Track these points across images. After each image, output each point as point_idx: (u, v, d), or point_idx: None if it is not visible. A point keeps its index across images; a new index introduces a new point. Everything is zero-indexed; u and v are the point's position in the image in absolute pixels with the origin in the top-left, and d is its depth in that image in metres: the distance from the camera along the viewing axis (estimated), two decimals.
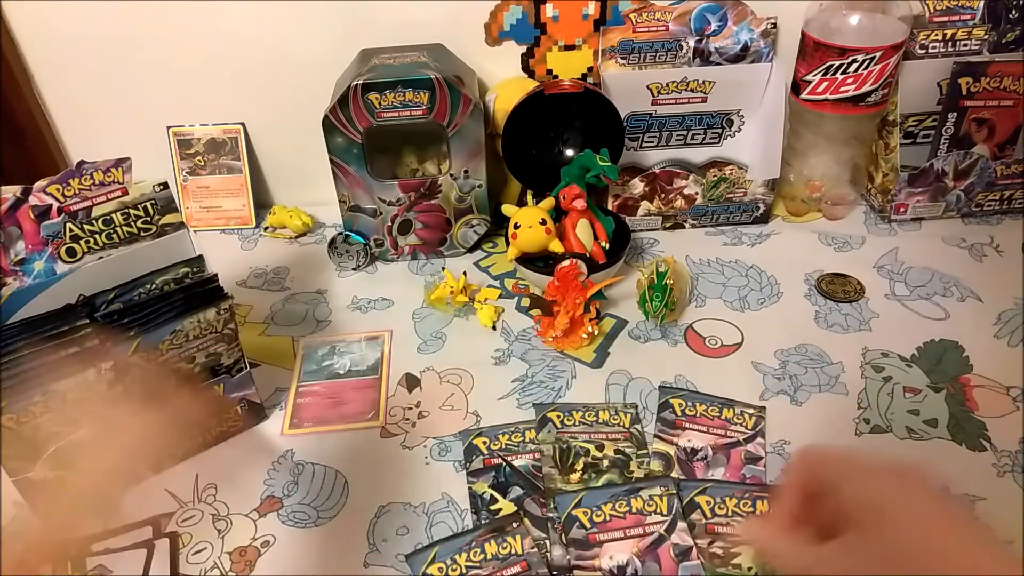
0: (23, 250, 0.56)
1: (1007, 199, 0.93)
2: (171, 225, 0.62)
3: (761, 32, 0.89)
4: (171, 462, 0.67)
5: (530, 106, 0.84)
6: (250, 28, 0.90)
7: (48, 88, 0.94)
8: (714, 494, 0.61)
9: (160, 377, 0.60)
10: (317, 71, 0.89)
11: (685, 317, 0.81)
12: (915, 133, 0.92)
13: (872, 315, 0.80)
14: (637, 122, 0.92)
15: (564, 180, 0.84)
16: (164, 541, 0.60)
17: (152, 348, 0.59)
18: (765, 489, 0.61)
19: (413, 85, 0.79)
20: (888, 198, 0.92)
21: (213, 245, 0.97)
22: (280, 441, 0.69)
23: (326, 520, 0.62)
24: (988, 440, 0.65)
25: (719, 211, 0.94)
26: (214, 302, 0.62)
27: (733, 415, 0.68)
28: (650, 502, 0.60)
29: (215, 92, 0.95)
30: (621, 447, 0.66)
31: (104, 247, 0.59)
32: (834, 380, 0.72)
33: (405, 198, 0.88)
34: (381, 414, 0.71)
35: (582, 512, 0.60)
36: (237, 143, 0.98)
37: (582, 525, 0.59)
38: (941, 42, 0.89)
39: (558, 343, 0.77)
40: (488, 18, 0.91)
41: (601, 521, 0.59)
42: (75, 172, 0.57)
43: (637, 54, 0.90)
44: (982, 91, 0.86)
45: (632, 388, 0.73)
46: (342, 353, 0.79)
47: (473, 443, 0.67)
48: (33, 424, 0.55)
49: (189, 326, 0.61)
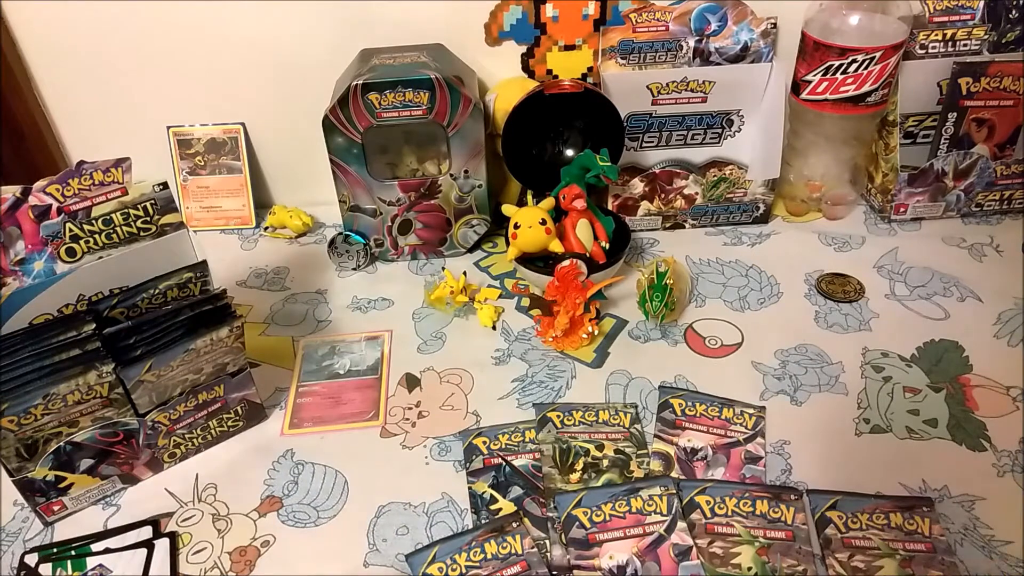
0: (23, 250, 0.56)
1: (1007, 199, 0.93)
2: (171, 225, 0.62)
3: (761, 32, 0.89)
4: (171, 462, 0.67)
5: (530, 106, 0.84)
6: (250, 28, 0.90)
7: (48, 88, 0.94)
8: (714, 494, 0.61)
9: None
10: (317, 71, 0.89)
11: (685, 317, 0.81)
12: (915, 133, 0.92)
13: (872, 315, 0.80)
14: (637, 122, 0.92)
15: (564, 180, 0.84)
16: (164, 541, 0.60)
17: (164, 365, 0.60)
18: (765, 489, 0.61)
19: (413, 85, 0.79)
20: (888, 198, 0.92)
21: (213, 245, 0.97)
22: (280, 441, 0.69)
23: (326, 520, 0.62)
24: (988, 440, 0.65)
25: (719, 211, 0.94)
26: (226, 320, 0.62)
27: (733, 415, 0.68)
28: (650, 502, 0.60)
29: (215, 92, 0.95)
30: (621, 447, 0.66)
31: (104, 247, 0.59)
32: (834, 380, 0.72)
33: (405, 198, 0.88)
34: (381, 414, 0.71)
35: (582, 512, 0.60)
36: (237, 143, 0.98)
37: (582, 525, 0.59)
38: (941, 42, 0.89)
39: (558, 343, 0.77)
40: (488, 18, 0.91)
41: (601, 521, 0.59)
42: (75, 172, 0.57)
43: (637, 54, 0.90)
44: (982, 91, 0.86)
45: (632, 388, 0.73)
46: (342, 353, 0.79)
47: (473, 443, 0.67)
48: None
49: (201, 344, 0.61)
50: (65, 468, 0.60)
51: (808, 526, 0.58)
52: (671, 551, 0.57)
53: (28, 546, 0.61)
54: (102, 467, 0.62)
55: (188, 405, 0.64)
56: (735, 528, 0.59)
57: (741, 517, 0.59)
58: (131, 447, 0.63)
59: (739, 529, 0.58)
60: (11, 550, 0.60)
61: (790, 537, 0.57)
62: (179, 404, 0.64)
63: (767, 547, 0.57)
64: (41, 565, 0.59)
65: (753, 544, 0.57)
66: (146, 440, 0.63)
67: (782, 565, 0.55)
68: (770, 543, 0.57)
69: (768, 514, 0.59)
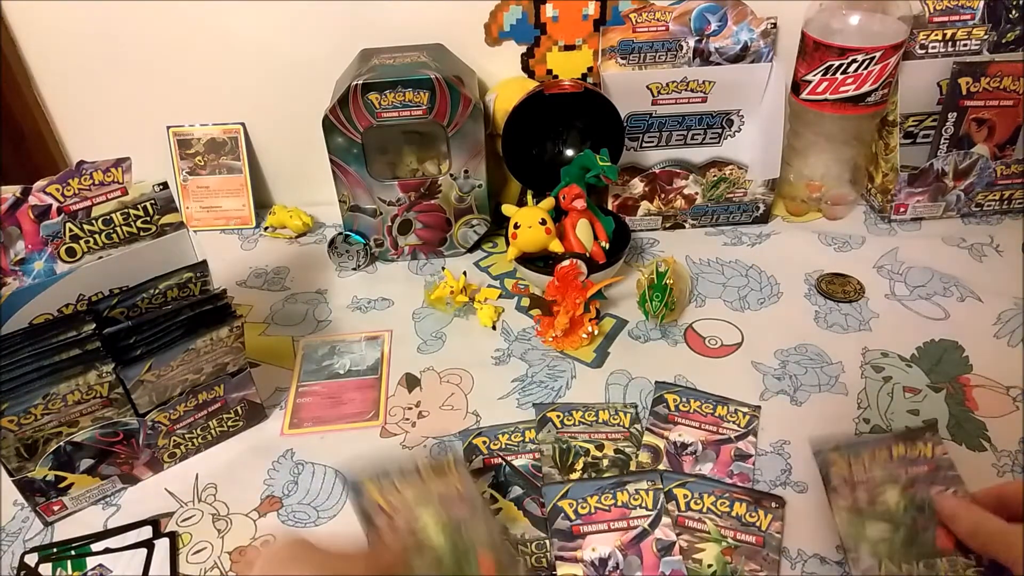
0: (23, 250, 0.56)
1: (1007, 199, 0.93)
2: (171, 225, 0.62)
3: (761, 32, 0.89)
4: (171, 462, 0.67)
5: (530, 106, 0.84)
6: (250, 28, 0.90)
7: (48, 88, 0.94)
8: (694, 489, 0.61)
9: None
10: (317, 71, 0.89)
11: (685, 317, 0.81)
12: (915, 133, 0.92)
13: (872, 315, 0.80)
14: (637, 122, 0.92)
15: (564, 180, 0.84)
16: (164, 541, 0.60)
17: (164, 365, 0.60)
18: (748, 493, 0.61)
19: (413, 85, 0.79)
20: (888, 198, 0.92)
21: (213, 245, 0.97)
22: (280, 441, 0.69)
23: (326, 520, 0.62)
24: (988, 440, 0.65)
25: (719, 211, 0.94)
26: (226, 320, 0.62)
27: (727, 412, 0.69)
28: (636, 496, 0.60)
29: (215, 92, 0.95)
30: (621, 447, 0.66)
31: (104, 247, 0.59)
32: (834, 380, 0.72)
33: (405, 198, 0.88)
34: (381, 414, 0.71)
35: (568, 503, 0.60)
36: (237, 143, 0.98)
37: (567, 516, 0.59)
38: (941, 42, 0.89)
39: (558, 343, 0.77)
40: (488, 18, 0.91)
41: (586, 513, 0.59)
42: (75, 172, 0.57)
43: (637, 54, 0.90)
44: (982, 91, 0.86)
45: (632, 388, 0.73)
46: (342, 353, 0.79)
47: (473, 443, 0.67)
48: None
49: (201, 344, 0.61)
50: (65, 468, 0.60)
51: (782, 534, 0.58)
52: (654, 546, 0.57)
53: (28, 546, 0.61)
54: (102, 467, 0.63)
55: (188, 405, 0.64)
56: (706, 525, 0.59)
57: (715, 516, 0.59)
58: (131, 447, 0.63)
59: (710, 527, 0.59)
60: (11, 550, 0.60)
61: (760, 543, 0.57)
62: (179, 404, 0.64)
63: (733, 548, 0.57)
64: (41, 565, 0.59)
65: (720, 543, 0.57)
66: (146, 440, 0.63)
67: (744, 569, 0.56)
68: (738, 545, 0.57)
69: (744, 517, 0.59)
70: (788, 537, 0.58)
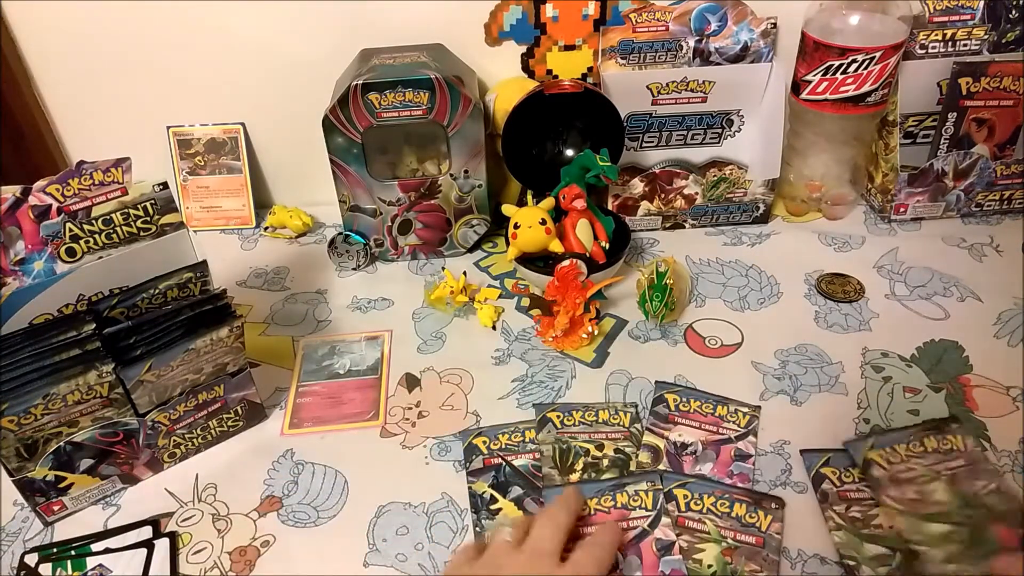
0: (23, 250, 0.56)
1: (1007, 199, 0.93)
2: (171, 225, 0.62)
3: (761, 32, 0.89)
4: (171, 462, 0.67)
5: (530, 106, 0.84)
6: (250, 28, 0.90)
7: (48, 88, 0.94)
8: (694, 490, 0.61)
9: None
10: (317, 71, 0.89)
11: (685, 317, 0.81)
12: (915, 133, 0.92)
13: (872, 315, 0.80)
14: (637, 122, 0.92)
15: (564, 180, 0.84)
16: (164, 541, 0.60)
17: (164, 365, 0.60)
18: (748, 494, 0.61)
19: (413, 85, 0.79)
20: (888, 198, 0.92)
21: (213, 245, 0.97)
22: (280, 441, 0.69)
23: (326, 520, 0.62)
24: (988, 440, 0.65)
25: (719, 211, 0.94)
26: (226, 320, 0.62)
27: (727, 412, 0.69)
28: (635, 497, 0.60)
29: (215, 92, 0.95)
30: (621, 447, 0.66)
31: (104, 247, 0.59)
32: (834, 380, 0.72)
33: (405, 198, 0.88)
34: (381, 414, 0.71)
35: None
36: (237, 143, 0.98)
37: None
38: (941, 42, 0.89)
39: (558, 343, 0.77)
40: (488, 18, 0.91)
41: (586, 515, 0.59)
42: (75, 172, 0.57)
43: (637, 54, 0.90)
44: (982, 91, 0.86)
45: (632, 388, 0.73)
46: (342, 353, 0.79)
47: (473, 443, 0.67)
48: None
49: (201, 344, 0.61)
50: (65, 468, 0.60)
51: (782, 535, 0.58)
52: (653, 545, 0.57)
53: (28, 546, 0.61)
54: (102, 467, 0.63)
55: (188, 405, 0.64)
56: (706, 525, 0.59)
57: (715, 516, 0.59)
58: (131, 447, 0.63)
59: (710, 527, 0.59)
60: (11, 550, 0.60)
61: (760, 543, 0.57)
62: (179, 404, 0.64)
63: (733, 549, 0.57)
64: (41, 565, 0.59)
65: (720, 544, 0.57)
66: (146, 440, 0.63)
67: (743, 569, 0.56)
68: (738, 546, 0.57)
69: (744, 518, 0.59)
70: (788, 538, 0.58)
